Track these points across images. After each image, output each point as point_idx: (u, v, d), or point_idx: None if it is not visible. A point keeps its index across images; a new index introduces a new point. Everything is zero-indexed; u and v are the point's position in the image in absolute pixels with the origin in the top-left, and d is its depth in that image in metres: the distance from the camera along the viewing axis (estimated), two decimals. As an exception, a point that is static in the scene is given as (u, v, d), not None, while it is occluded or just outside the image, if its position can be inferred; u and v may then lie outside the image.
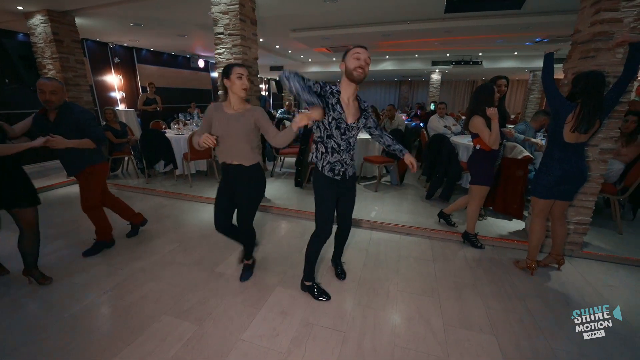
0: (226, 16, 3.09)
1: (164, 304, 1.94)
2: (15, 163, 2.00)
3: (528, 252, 2.34)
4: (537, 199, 2.23)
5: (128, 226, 2.94)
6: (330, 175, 1.79)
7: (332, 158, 1.77)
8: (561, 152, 2.07)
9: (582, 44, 2.34)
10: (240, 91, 1.83)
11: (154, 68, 9.16)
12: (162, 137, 4.36)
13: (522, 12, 4.18)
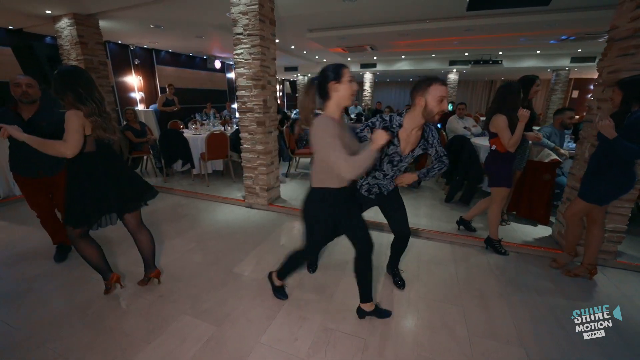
0: (245, 16, 3.09)
1: (182, 303, 1.95)
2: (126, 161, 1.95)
3: (588, 256, 2.24)
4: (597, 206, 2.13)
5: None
6: (366, 194, 1.78)
7: (372, 181, 1.76)
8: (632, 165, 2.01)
9: (621, 40, 2.20)
10: (349, 99, 1.42)
11: (172, 69, 9.36)
12: (181, 136, 4.42)
13: (549, 8, 4.00)
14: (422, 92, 1.54)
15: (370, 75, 12.93)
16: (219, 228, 3.07)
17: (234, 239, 2.82)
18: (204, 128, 5.20)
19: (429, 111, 1.53)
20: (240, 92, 3.33)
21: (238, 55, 3.24)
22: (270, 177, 3.55)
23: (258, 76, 3.19)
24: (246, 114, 3.35)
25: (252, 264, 2.42)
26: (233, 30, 3.20)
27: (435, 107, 1.51)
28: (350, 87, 1.40)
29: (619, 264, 2.45)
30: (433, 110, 1.52)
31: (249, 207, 3.61)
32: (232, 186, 4.33)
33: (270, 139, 3.47)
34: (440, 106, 1.51)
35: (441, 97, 1.50)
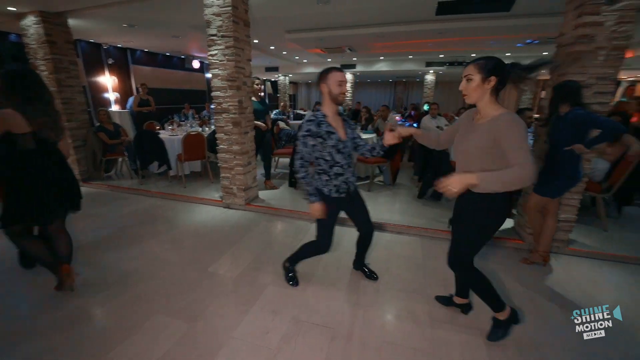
0: (219, 18, 3.11)
1: (156, 303, 1.96)
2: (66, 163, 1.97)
3: (542, 245, 2.43)
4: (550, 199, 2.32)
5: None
6: (337, 195, 1.85)
7: (337, 181, 1.83)
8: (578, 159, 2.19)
9: (566, 46, 2.40)
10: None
11: (149, 69, 9.14)
12: (156, 138, 4.36)
13: (511, 14, 4.26)
14: (323, 80, 1.74)
15: (350, 76, 13.12)
16: (195, 229, 3.08)
17: (210, 239, 2.84)
18: (181, 129, 5.14)
19: (333, 95, 1.73)
20: (216, 93, 3.34)
21: (212, 56, 3.25)
22: (247, 177, 3.58)
23: (233, 77, 3.22)
24: (222, 114, 3.37)
25: (228, 262, 2.46)
26: (207, 31, 3.21)
27: (336, 90, 1.72)
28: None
29: (570, 251, 2.66)
30: (336, 93, 1.72)
31: (226, 208, 3.62)
32: (210, 187, 4.32)
33: (247, 140, 3.50)
34: (340, 89, 1.72)
35: (339, 81, 1.71)
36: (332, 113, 1.80)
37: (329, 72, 1.74)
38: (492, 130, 1.31)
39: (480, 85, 1.34)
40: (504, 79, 1.34)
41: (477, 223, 1.48)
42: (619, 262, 2.54)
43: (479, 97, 1.37)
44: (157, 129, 5.54)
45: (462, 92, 1.41)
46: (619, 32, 2.17)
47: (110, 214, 3.41)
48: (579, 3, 2.26)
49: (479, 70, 1.33)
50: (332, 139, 1.75)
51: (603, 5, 2.14)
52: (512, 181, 1.22)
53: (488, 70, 1.32)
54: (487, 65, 1.32)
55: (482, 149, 1.35)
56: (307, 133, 1.74)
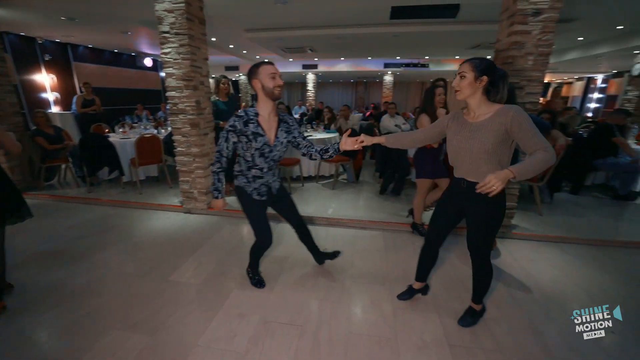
0: (171, 14, 2.97)
1: (112, 318, 1.84)
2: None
3: None
4: None
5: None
6: (258, 197, 1.84)
7: (256, 184, 1.80)
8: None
9: (502, 51, 2.67)
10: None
11: (94, 67, 8.41)
12: (105, 141, 4.05)
13: (457, 20, 4.62)
14: (254, 76, 1.66)
15: (312, 76, 13.22)
16: (153, 237, 2.91)
17: (170, 247, 2.71)
18: (133, 131, 4.81)
19: (268, 90, 1.65)
20: (171, 93, 3.19)
21: (166, 54, 3.09)
22: (209, 180, 3.46)
23: (189, 77, 3.09)
24: (178, 115, 3.22)
25: (190, 269, 2.37)
26: (159, 28, 3.05)
27: (270, 84, 1.63)
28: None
29: (513, 235, 2.97)
30: (270, 87, 1.64)
31: (187, 213, 3.48)
32: (169, 192, 4.10)
33: (206, 141, 3.39)
34: (274, 82, 1.64)
35: (272, 73, 1.63)
36: (268, 112, 1.70)
37: (259, 67, 1.65)
38: (503, 123, 1.38)
39: (472, 82, 1.42)
40: (494, 80, 1.44)
41: (493, 216, 1.55)
42: (553, 242, 2.88)
43: (470, 94, 1.45)
44: (106, 131, 5.13)
45: (454, 89, 1.48)
46: (543, 40, 2.47)
47: (54, 227, 3.10)
48: (511, 13, 2.53)
49: (473, 68, 1.42)
50: (258, 141, 1.67)
51: (530, 17, 2.42)
52: (542, 166, 1.31)
53: (481, 70, 1.42)
54: (480, 65, 1.42)
55: (494, 143, 1.41)
56: (231, 129, 1.65)
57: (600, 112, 11.63)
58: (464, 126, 1.53)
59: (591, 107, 12.40)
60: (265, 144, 1.69)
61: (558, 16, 2.44)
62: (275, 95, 1.67)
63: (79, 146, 4.03)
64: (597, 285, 2.24)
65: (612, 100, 11.10)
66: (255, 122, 1.67)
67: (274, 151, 1.74)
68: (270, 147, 1.71)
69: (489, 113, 1.45)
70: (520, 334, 1.76)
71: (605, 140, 3.95)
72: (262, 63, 1.67)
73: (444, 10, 3.99)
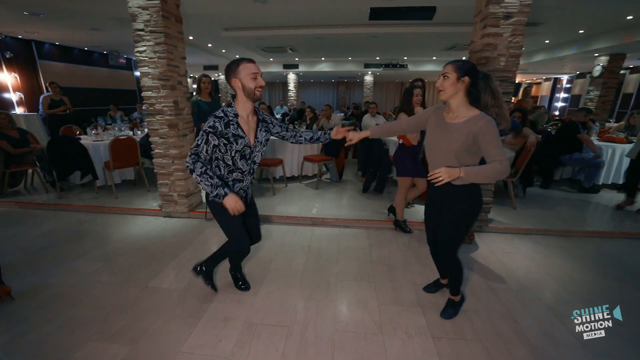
0: (146, 12, 2.86)
1: (88, 329, 1.75)
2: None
3: None
4: None
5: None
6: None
7: (235, 188, 1.70)
8: None
9: (476, 52, 2.78)
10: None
11: (62, 65, 7.97)
12: (76, 144, 3.85)
13: (433, 22, 4.76)
14: (233, 74, 1.53)
15: (294, 76, 13.17)
16: (131, 243, 2.80)
17: (149, 252, 2.62)
18: (107, 133, 4.60)
19: (248, 90, 1.53)
20: (147, 93, 3.08)
21: (140, 53, 2.98)
22: (189, 182, 3.37)
23: (166, 76, 3.00)
24: (155, 116, 3.11)
25: (172, 275, 2.30)
26: (133, 25, 2.94)
27: (251, 84, 1.52)
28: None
29: (489, 228, 3.10)
30: (251, 87, 1.52)
31: (167, 217, 3.37)
32: (147, 196, 3.96)
33: (186, 143, 3.30)
34: (255, 82, 1.52)
35: (253, 73, 1.52)
36: (247, 112, 1.61)
37: (239, 64, 1.52)
38: (473, 129, 1.44)
39: (454, 83, 1.46)
40: (476, 82, 1.49)
41: (465, 213, 1.61)
42: (526, 234, 3.03)
43: (453, 94, 1.49)
44: (77, 133, 4.87)
45: (438, 89, 1.53)
46: (514, 42, 2.59)
47: (21, 235, 2.91)
48: (483, 16, 2.64)
49: (456, 69, 1.47)
50: (239, 143, 1.58)
51: (501, 19, 2.54)
52: (492, 175, 1.42)
53: (463, 71, 1.46)
54: (463, 67, 1.47)
55: (461, 146, 1.48)
56: (210, 130, 1.50)
57: (566, 111, 12.36)
58: (441, 124, 1.58)
59: (558, 106, 13.15)
60: (246, 146, 1.61)
61: (526, 19, 2.58)
62: (257, 97, 1.56)
63: (46, 149, 3.80)
64: (566, 273, 2.38)
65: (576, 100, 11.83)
66: (236, 124, 1.57)
67: (254, 152, 1.69)
68: (251, 148, 1.65)
69: (465, 117, 1.50)
70: (499, 322, 1.84)
71: (571, 137, 4.21)
72: (241, 60, 1.53)
73: (420, 12, 4.11)
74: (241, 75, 1.52)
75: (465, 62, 1.50)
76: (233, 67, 1.54)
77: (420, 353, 1.61)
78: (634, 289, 2.19)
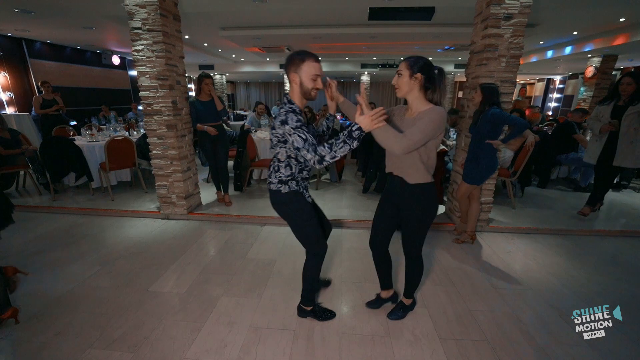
0: (144, 10, 2.80)
1: (88, 336, 1.70)
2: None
3: (470, 226, 2.78)
4: (476, 186, 2.65)
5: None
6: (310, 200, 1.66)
7: (304, 184, 1.62)
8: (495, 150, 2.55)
9: (477, 53, 2.79)
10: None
11: (54, 64, 7.81)
12: (70, 145, 3.76)
13: (432, 23, 4.77)
14: (295, 69, 1.44)
15: (290, 76, 13.11)
16: (129, 246, 2.74)
17: (149, 256, 2.57)
18: (102, 134, 4.51)
19: (305, 90, 1.46)
20: (144, 93, 3.02)
21: (138, 52, 2.92)
22: (187, 184, 3.32)
23: (164, 75, 2.95)
24: (153, 116, 3.06)
25: (173, 278, 2.25)
26: (130, 24, 2.88)
27: (309, 84, 1.44)
28: None
29: (491, 228, 3.11)
30: (308, 88, 1.45)
31: (165, 219, 3.31)
32: (144, 197, 3.89)
33: (184, 143, 3.25)
34: (314, 84, 1.45)
35: (315, 75, 1.43)
36: (302, 106, 1.53)
37: (304, 61, 1.42)
38: (417, 119, 1.42)
39: (408, 80, 1.45)
40: (430, 77, 1.46)
41: (426, 213, 1.59)
42: (525, 233, 3.05)
43: (407, 91, 1.47)
44: (71, 134, 4.77)
45: (394, 86, 1.51)
46: (514, 43, 2.60)
47: (13, 240, 2.83)
48: (484, 17, 2.64)
49: (408, 67, 1.45)
50: (311, 127, 1.52)
51: (502, 20, 2.55)
52: (390, 140, 1.34)
53: (417, 68, 1.45)
54: (416, 64, 1.45)
55: None
56: (299, 124, 1.38)
57: (559, 111, 12.54)
58: (400, 122, 1.56)
59: (551, 106, 13.33)
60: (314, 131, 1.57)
61: (527, 20, 2.59)
62: (311, 98, 1.47)
63: (40, 151, 3.71)
64: (565, 271, 2.40)
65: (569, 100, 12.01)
66: (301, 114, 1.47)
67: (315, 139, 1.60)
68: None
69: (420, 110, 1.47)
70: (504, 322, 1.84)
71: (567, 137, 4.26)
72: (307, 57, 1.42)
73: (419, 12, 4.11)
74: (302, 72, 1.43)
75: (418, 58, 1.47)
76: (297, 61, 1.43)
77: (429, 355, 1.60)
78: (633, 286, 2.21)
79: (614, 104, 2.96)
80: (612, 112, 2.96)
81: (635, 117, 2.80)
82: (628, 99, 2.85)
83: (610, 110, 2.97)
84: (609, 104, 3.00)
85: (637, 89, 2.80)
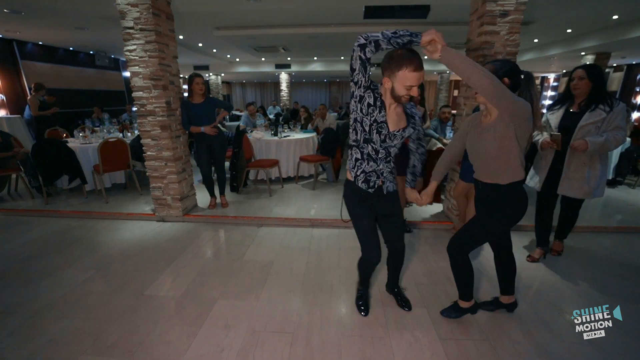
0: (135, 9, 2.76)
1: (81, 342, 1.66)
2: None
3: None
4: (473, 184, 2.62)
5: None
6: (364, 187, 1.56)
7: (368, 167, 1.52)
8: None
9: (473, 50, 2.78)
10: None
11: (46, 66, 7.70)
12: (63, 147, 3.70)
13: (427, 21, 4.76)
14: (389, 73, 1.33)
15: (286, 76, 13.09)
16: (124, 249, 2.70)
17: (144, 259, 2.53)
18: (95, 135, 4.45)
19: (395, 95, 1.36)
20: (138, 94, 2.98)
21: (130, 52, 2.88)
22: (183, 185, 3.28)
23: (157, 75, 2.90)
24: (147, 117, 3.01)
25: (168, 282, 2.22)
26: (122, 23, 2.83)
27: (402, 92, 1.33)
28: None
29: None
30: (399, 95, 1.34)
31: (160, 221, 3.27)
32: (139, 199, 3.84)
33: (179, 144, 3.21)
34: (407, 92, 1.32)
35: (410, 86, 1.30)
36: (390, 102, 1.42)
37: (401, 68, 1.28)
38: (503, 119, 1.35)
39: None
40: (516, 82, 1.40)
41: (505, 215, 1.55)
42: (523, 231, 3.05)
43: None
44: (64, 136, 4.70)
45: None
46: (510, 40, 2.59)
47: (6, 244, 2.77)
48: (480, 14, 2.63)
49: (493, 71, 1.38)
50: (372, 115, 1.40)
51: (498, 17, 2.54)
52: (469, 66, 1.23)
53: (503, 73, 1.39)
54: (502, 68, 1.40)
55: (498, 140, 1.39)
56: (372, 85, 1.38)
57: (553, 109, 12.63)
58: (478, 130, 1.50)
59: (545, 104, 13.43)
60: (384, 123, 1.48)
61: (522, 17, 2.59)
62: (401, 102, 1.39)
63: (31, 153, 3.65)
64: (565, 268, 2.40)
65: (563, 98, 12.09)
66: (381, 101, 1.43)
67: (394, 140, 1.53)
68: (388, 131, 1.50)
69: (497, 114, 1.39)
70: (504, 320, 1.83)
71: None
72: (406, 64, 1.27)
73: (415, 10, 4.11)
74: (397, 79, 1.31)
75: (505, 62, 1.41)
76: (393, 67, 1.30)
77: (429, 355, 1.58)
78: (632, 283, 2.22)
79: (565, 109, 2.15)
80: (560, 121, 2.13)
81: (592, 129, 1.99)
82: (583, 102, 2.05)
83: (559, 117, 2.14)
84: (559, 108, 2.19)
85: (593, 89, 2.00)
